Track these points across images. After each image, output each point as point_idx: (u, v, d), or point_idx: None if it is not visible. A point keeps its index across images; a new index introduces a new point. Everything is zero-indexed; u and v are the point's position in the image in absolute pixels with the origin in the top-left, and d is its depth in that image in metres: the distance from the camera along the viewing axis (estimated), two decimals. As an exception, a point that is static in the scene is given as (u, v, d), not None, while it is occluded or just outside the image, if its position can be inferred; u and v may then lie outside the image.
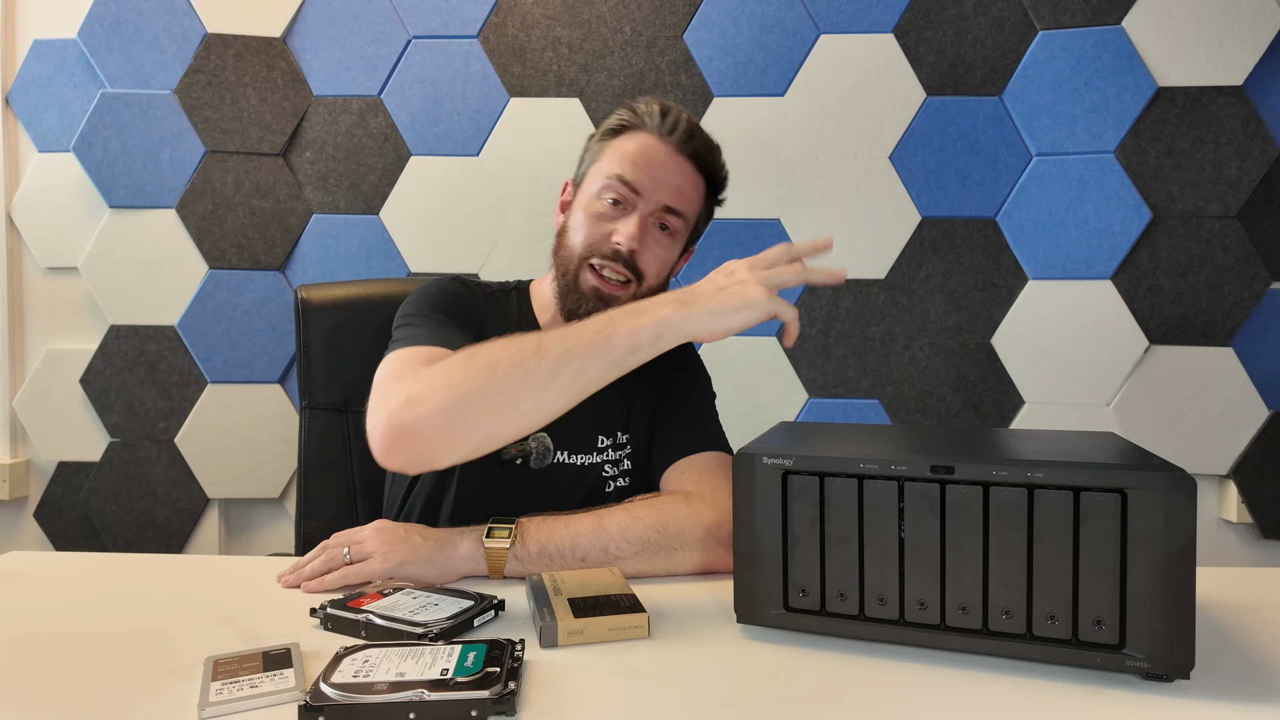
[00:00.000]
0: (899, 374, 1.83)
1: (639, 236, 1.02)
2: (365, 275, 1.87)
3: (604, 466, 1.10)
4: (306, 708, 0.54)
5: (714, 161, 1.09)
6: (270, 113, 1.86)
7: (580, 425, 1.06)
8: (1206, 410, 1.77)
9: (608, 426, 1.11)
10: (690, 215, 1.08)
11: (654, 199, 1.04)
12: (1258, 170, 1.74)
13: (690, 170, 1.07)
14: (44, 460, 1.92)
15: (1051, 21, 1.78)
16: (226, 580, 0.88)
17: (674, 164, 1.05)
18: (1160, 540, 0.59)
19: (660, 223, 1.06)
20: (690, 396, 1.15)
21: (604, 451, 1.10)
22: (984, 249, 1.81)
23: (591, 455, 1.09)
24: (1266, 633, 0.72)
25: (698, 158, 1.07)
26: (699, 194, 1.09)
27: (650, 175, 1.03)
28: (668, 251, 1.08)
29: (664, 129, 1.05)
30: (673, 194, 1.05)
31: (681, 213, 1.06)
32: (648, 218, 1.04)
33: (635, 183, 1.03)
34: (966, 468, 0.64)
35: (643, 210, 1.04)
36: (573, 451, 1.09)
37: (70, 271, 1.90)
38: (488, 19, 1.85)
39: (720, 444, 1.10)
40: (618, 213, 1.04)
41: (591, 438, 1.10)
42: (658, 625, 0.74)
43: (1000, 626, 0.64)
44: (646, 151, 1.05)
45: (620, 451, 1.12)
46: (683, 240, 1.11)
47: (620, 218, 1.04)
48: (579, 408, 1.00)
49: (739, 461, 0.71)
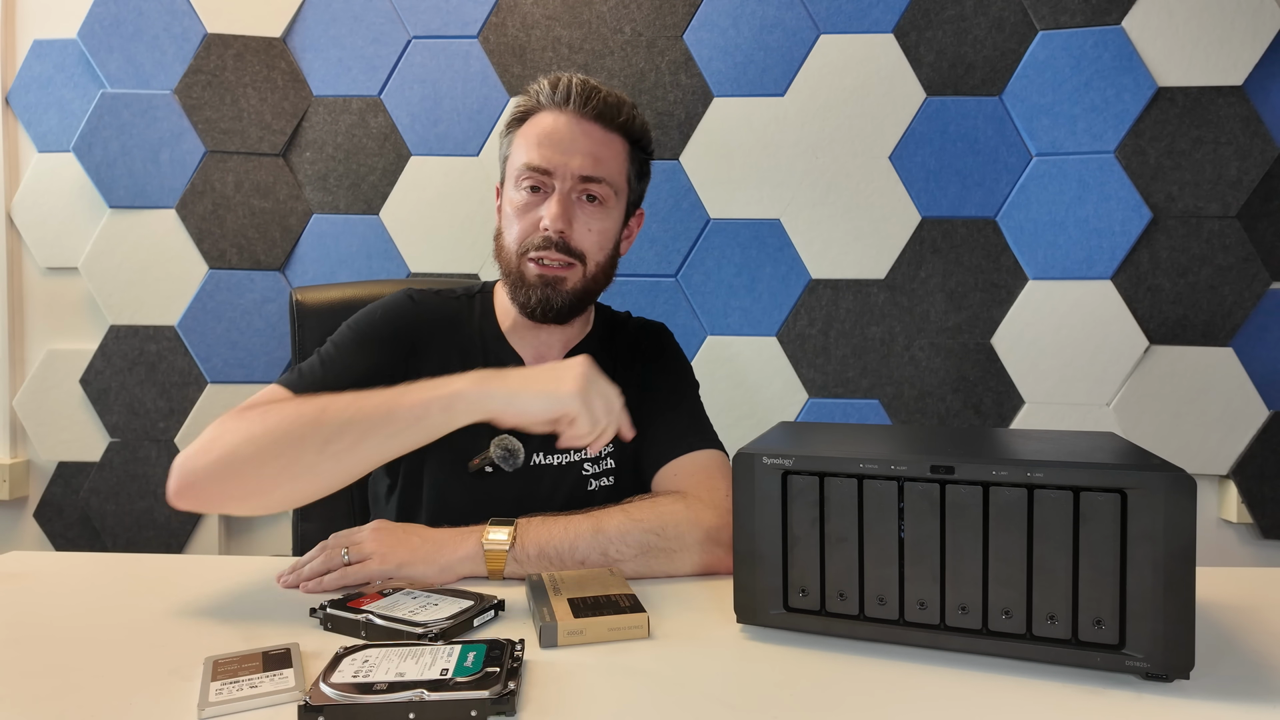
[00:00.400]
0: (899, 374, 1.83)
1: (562, 215, 0.99)
2: (365, 275, 1.87)
3: (583, 465, 1.07)
4: (306, 708, 0.54)
5: (623, 115, 1.03)
6: (270, 113, 1.86)
7: None
8: (1206, 410, 1.77)
9: None
10: (615, 178, 1.03)
11: (568, 174, 0.99)
12: (1258, 170, 1.74)
13: (599, 132, 1.01)
14: (44, 460, 1.92)
15: (1051, 21, 1.78)
16: (226, 580, 0.88)
17: (580, 131, 1.00)
18: (1160, 540, 0.59)
19: (584, 194, 1.01)
20: (674, 393, 1.13)
21: (581, 450, 1.07)
22: (984, 249, 1.81)
23: (569, 454, 1.07)
24: (1266, 633, 0.72)
25: (604, 117, 1.01)
26: (618, 153, 1.03)
27: (558, 152, 0.99)
28: (603, 222, 1.03)
29: (559, 100, 1.01)
30: (587, 163, 1.00)
31: (602, 178, 1.00)
32: (568, 195, 1.00)
33: (545, 164, 0.99)
34: (966, 468, 0.64)
35: (560, 189, 1.00)
36: (549, 452, 1.06)
37: (70, 271, 1.90)
38: (488, 19, 1.85)
39: (710, 439, 1.08)
40: (538, 199, 1.01)
41: None
42: (658, 625, 0.74)
43: (1000, 626, 0.63)
44: (548, 129, 1.00)
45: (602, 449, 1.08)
46: (620, 205, 1.06)
47: (542, 203, 1.01)
48: None
49: (739, 461, 0.71)
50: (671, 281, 1.86)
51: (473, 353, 1.07)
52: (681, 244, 1.85)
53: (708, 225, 1.84)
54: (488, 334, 1.09)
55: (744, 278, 1.84)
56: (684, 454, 1.04)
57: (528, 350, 1.09)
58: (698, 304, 1.85)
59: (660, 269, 1.85)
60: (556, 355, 1.09)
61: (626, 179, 1.05)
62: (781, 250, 1.84)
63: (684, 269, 1.85)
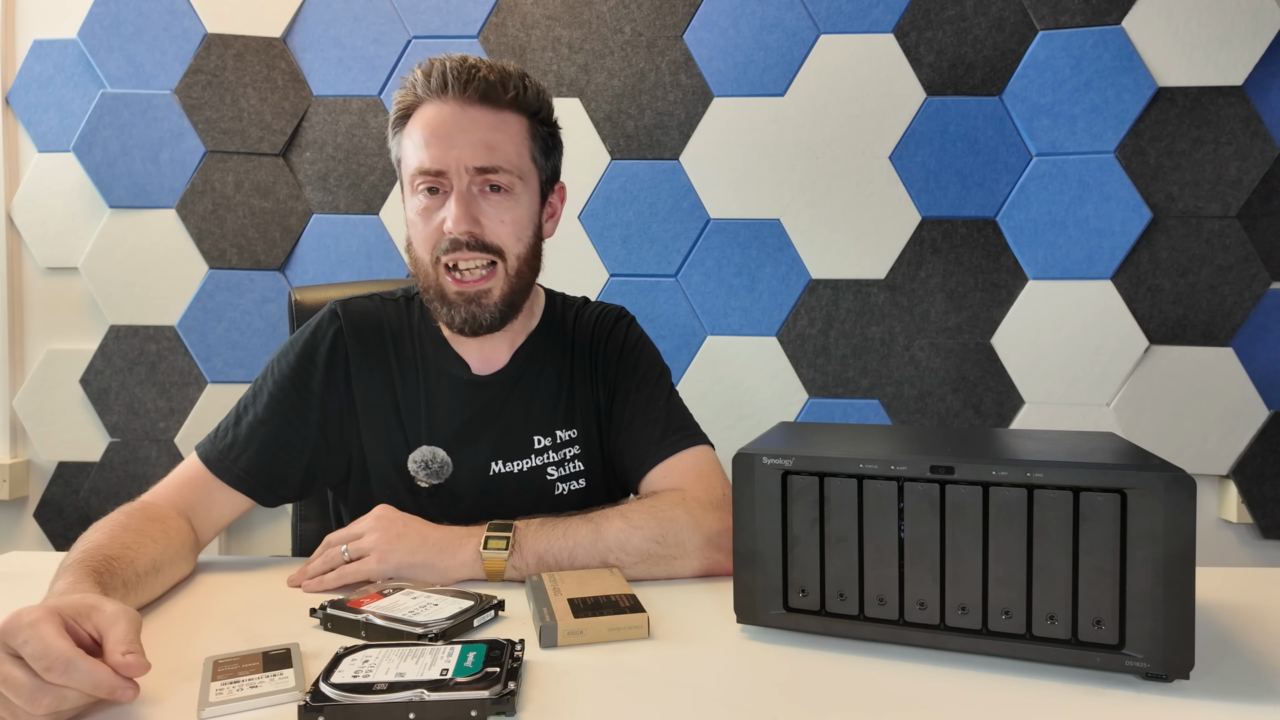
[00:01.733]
0: (899, 374, 1.83)
1: (464, 216, 0.91)
2: (365, 275, 1.87)
3: (546, 470, 1.03)
4: (306, 708, 0.54)
5: (511, 90, 0.93)
6: (270, 113, 1.86)
7: (511, 429, 1.02)
8: (1206, 410, 1.77)
9: (542, 425, 1.03)
10: (516, 161, 0.94)
11: (461, 170, 0.91)
12: (1258, 170, 1.74)
13: (488, 115, 0.92)
14: (44, 460, 1.92)
15: (1051, 21, 1.78)
16: (226, 580, 0.88)
17: (465, 119, 0.91)
18: (1160, 540, 0.59)
19: (486, 185, 0.93)
20: (643, 391, 1.05)
21: (543, 453, 1.03)
22: (984, 249, 1.81)
23: (529, 458, 1.02)
24: (1266, 633, 0.72)
25: (490, 97, 0.92)
26: (515, 133, 0.94)
27: (444, 147, 0.91)
28: (514, 211, 0.94)
29: (436, 88, 0.92)
30: (479, 153, 0.91)
31: (500, 166, 0.92)
32: (467, 191, 0.92)
33: (435, 165, 0.91)
34: (966, 468, 0.64)
35: (458, 187, 0.92)
36: (507, 459, 1.01)
37: (70, 271, 1.90)
38: (488, 19, 1.85)
39: (696, 435, 1.02)
40: (439, 201, 0.93)
41: (525, 440, 1.03)
42: (658, 625, 0.74)
43: (1000, 626, 0.63)
44: (431, 124, 0.92)
45: (566, 450, 1.04)
46: (531, 187, 0.97)
47: (443, 205, 0.93)
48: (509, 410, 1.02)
49: (739, 461, 0.71)
50: (671, 281, 1.86)
51: (413, 362, 1.02)
52: (681, 244, 1.85)
53: (708, 225, 1.84)
54: (428, 340, 1.04)
55: (744, 278, 1.84)
56: (672, 455, 1.00)
57: (473, 354, 1.04)
58: (697, 304, 1.85)
59: (660, 269, 1.85)
60: (504, 356, 1.04)
61: (531, 158, 0.96)
62: (781, 250, 1.84)
63: (684, 269, 1.85)
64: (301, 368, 1.00)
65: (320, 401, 0.99)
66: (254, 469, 0.96)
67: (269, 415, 0.97)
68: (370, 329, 1.03)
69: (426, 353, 1.03)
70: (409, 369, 1.02)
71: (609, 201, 1.85)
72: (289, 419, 0.98)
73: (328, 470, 1.02)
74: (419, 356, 1.03)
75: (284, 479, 0.98)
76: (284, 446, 0.97)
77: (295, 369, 1.00)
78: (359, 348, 1.01)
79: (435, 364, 1.03)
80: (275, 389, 0.99)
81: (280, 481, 0.98)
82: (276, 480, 0.98)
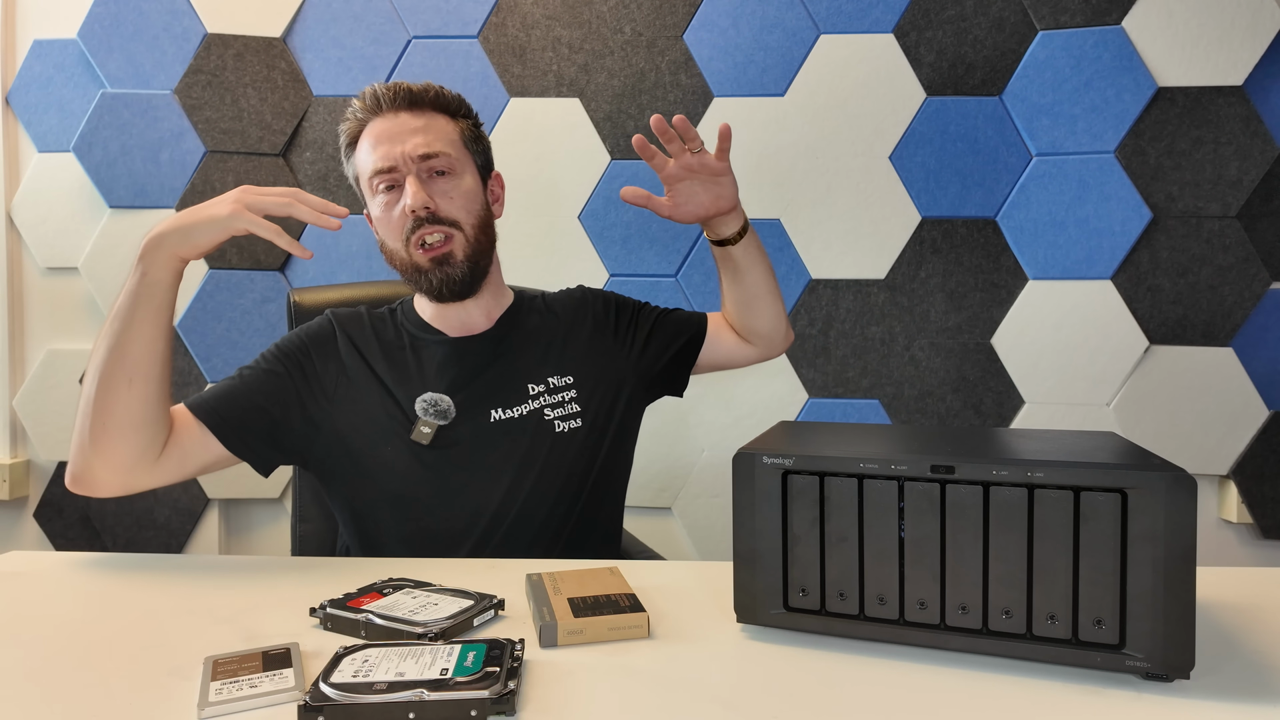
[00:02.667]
0: (899, 374, 1.83)
1: (420, 193, 1.04)
2: (365, 276, 1.87)
3: (544, 410, 1.09)
4: (306, 708, 0.54)
5: (431, 94, 1.10)
6: (270, 113, 1.86)
7: (506, 378, 1.10)
8: (1206, 410, 1.77)
9: (535, 374, 1.11)
10: (450, 147, 1.08)
11: (409, 160, 1.05)
12: (1258, 170, 1.74)
13: (418, 118, 1.08)
14: (44, 460, 1.92)
15: (1051, 21, 1.78)
16: (226, 580, 0.88)
17: (402, 123, 1.06)
18: (1160, 540, 0.59)
19: (432, 171, 1.07)
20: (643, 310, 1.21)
21: (538, 397, 1.10)
22: (984, 249, 1.81)
23: (526, 403, 1.09)
24: (1266, 633, 0.72)
25: (415, 103, 1.08)
26: (444, 127, 1.09)
27: (392, 149, 1.05)
28: (460, 186, 1.08)
29: (372, 107, 1.08)
30: (420, 142, 1.06)
31: (439, 151, 1.06)
32: (418, 177, 1.06)
33: (386, 163, 1.05)
34: (966, 468, 0.64)
35: (408, 174, 1.05)
36: (506, 406, 1.08)
37: (70, 271, 1.90)
38: (488, 19, 1.85)
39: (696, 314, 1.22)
40: (396, 195, 1.06)
41: (520, 387, 1.10)
42: (658, 625, 0.74)
43: (1000, 626, 0.63)
44: (375, 133, 1.07)
45: (563, 394, 1.11)
46: (469, 168, 1.11)
47: (400, 197, 1.06)
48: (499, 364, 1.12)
49: (739, 461, 0.71)
50: (671, 281, 1.86)
51: (398, 344, 1.11)
52: (681, 244, 1.85)
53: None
54: (410, 323, 1.14)
55: (744, 278, 1.84)
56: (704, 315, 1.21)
57: (454, 325, 1.12)
58: (698, 304, 1.85)
59: (660, 269, 1.85)
60: (484, 326, 1.13)
61: (463, 143, 1.11)
62: (781, 250, 1.84)
63: (684, 269, 1.85)
64: (292, 346, 1.09)
65: (301, 372, 1.07)
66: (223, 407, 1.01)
67: (250, 373, 1.06)
68: (358, 325, 1.14)
69: (410, 333, 1.13)
70: (394, 351, 1.11)
71: (609, 201, 1.85)
72: (269, 375, 1.05)
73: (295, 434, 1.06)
74: (404, 338, 1.12)
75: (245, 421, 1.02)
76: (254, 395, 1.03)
77: (285, 346, 1.09)
78: (347, 337, 1.11)
79: (419, 339, 1.12)
80: (262, 360, 1.08)
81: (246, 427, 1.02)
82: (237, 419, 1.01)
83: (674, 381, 1.21)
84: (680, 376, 1.21)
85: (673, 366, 1.19)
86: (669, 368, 1.18)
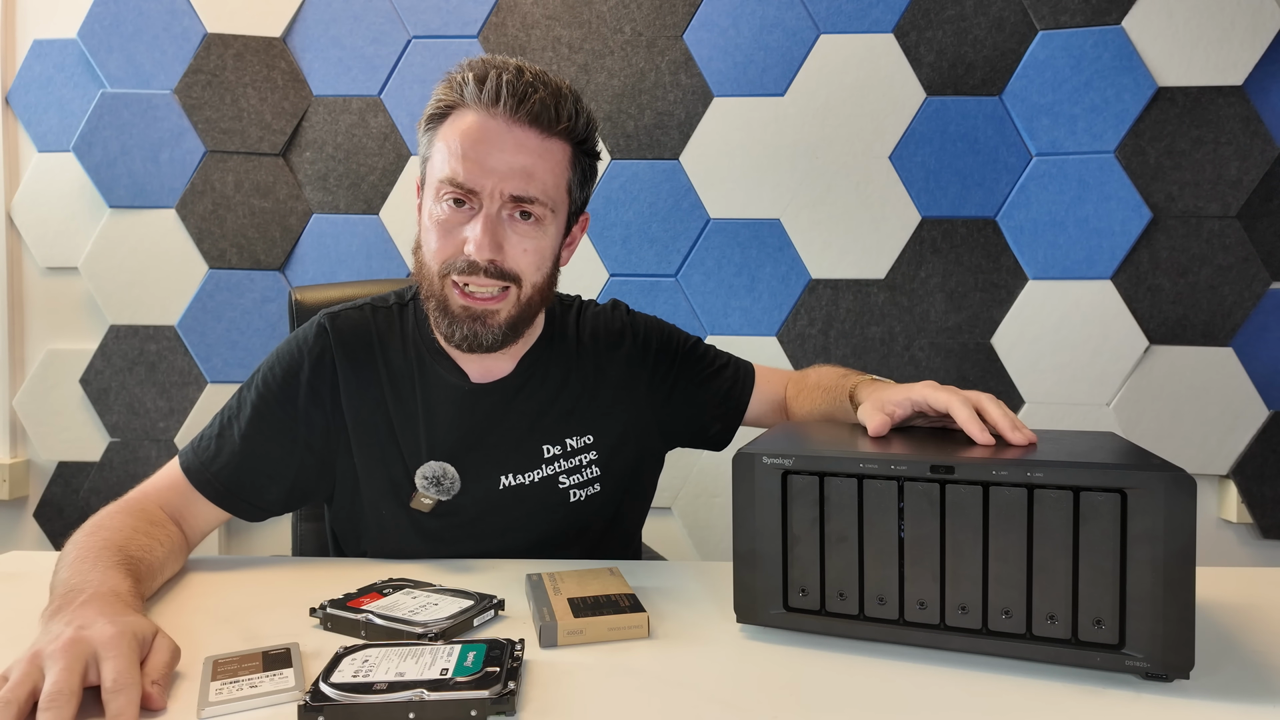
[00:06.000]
0: (899, 374, 1.83)
1: (488, 244, 0.86)
2: (365, 275, 1.87)
3: (559, 478, 0.98)
4: (306, 708, 0.54)
5: (564, 117, 0.88)
6: (270, 113, 1.86)
7: (519, 437, 0.97)
8: (1206, 410, 1.77)
9: (551, 433, 0.99)
10: (552, 194, 0.89)
11: (496, 193, 0.86)
12: (1258, 170, 1.74)
13: (535, 140, 0.87)
14: (44, 460, 1.92)
15: (1051, 21, 1.78)
16: (226, 580, 0.88)
17: (511, 140, 0.86)
18: (1160, 540, 0.59)
19: (517, 212, 0.88)
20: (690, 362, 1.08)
21: (553, 462, 0.98)
22: (984, 249, 1.81)
23: (539, 469, 0.97)
24: (1266, 633, 0.72)
25: (542, 120, 0.87)
26: (557, 163, 0.89)
27: (484, 167, 0.85)
28: (539, 241, 0.89)
29: (487, 99, 0.85)
30: (519, 180, 0.86)
31: (536, 197, 0.87)
32: (496, 215, 0.87)
33: (469, 182, 0.85)
34: (966, 468, 0.64)
35: (487, 209, 0.86)
36: (517, 471, 0.96)
37: (70, 271, 1.90)
38: (488, 19, 1.85)
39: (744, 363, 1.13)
40: (463, 216, 0.87)
41: (534, 450, 0.98)
42: (658, 625, 0.74)
43: (1000, 626, 0.63)
44: (473, 137, 0.86)
45: (580, 457, 0.99)
46: (559, 219, 0.92)
47: (467, 221, 0.87)
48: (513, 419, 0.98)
49: (739, 461, 0.71)
50: (671, 281, 1.86)
51: (406, 374, 0.97)
52: (681, 244, 1.85)
53: (708, 225, 1.85)
54: (423, 348, 0.98)
55: (744, 278, 1.84)
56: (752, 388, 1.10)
57: (473, 364, 0.98)
58: (697, 304, 1.85)
59: (660, 269, 1.85)
60: (507, 366, 0.99)
61: (567, 190, 0.92)
62: (781, 250, 1.84)
63: (684, 269, 1.85)
64: (287, 384, 0.95)
65: (305, 418, 0.95)
66: (234, 484, 0.93)
67: (251, 431, 0.93)
68: (360, 343, 0.97)
69: (423, 362, 0.98)
70: (403, 382, 0.97)
71: (609, 201, 1.85)
72: (272, 436, 0.94)
73: (317, 487, 0.98)
74: (414, 367, 0.97)
75: (265, 495, 0.94)
76: (266, 463, 0.93)
77: (280, 385, 0.95)
78: (348, 363, 0.96)
79: (432, 373, 0.97)
80: (259, 402, 0.94)
81: (260, 497, 0.94)
82: (256, 496, 0.94)
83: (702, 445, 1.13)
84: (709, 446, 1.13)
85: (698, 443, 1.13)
86: (695, 443, 1.12)
